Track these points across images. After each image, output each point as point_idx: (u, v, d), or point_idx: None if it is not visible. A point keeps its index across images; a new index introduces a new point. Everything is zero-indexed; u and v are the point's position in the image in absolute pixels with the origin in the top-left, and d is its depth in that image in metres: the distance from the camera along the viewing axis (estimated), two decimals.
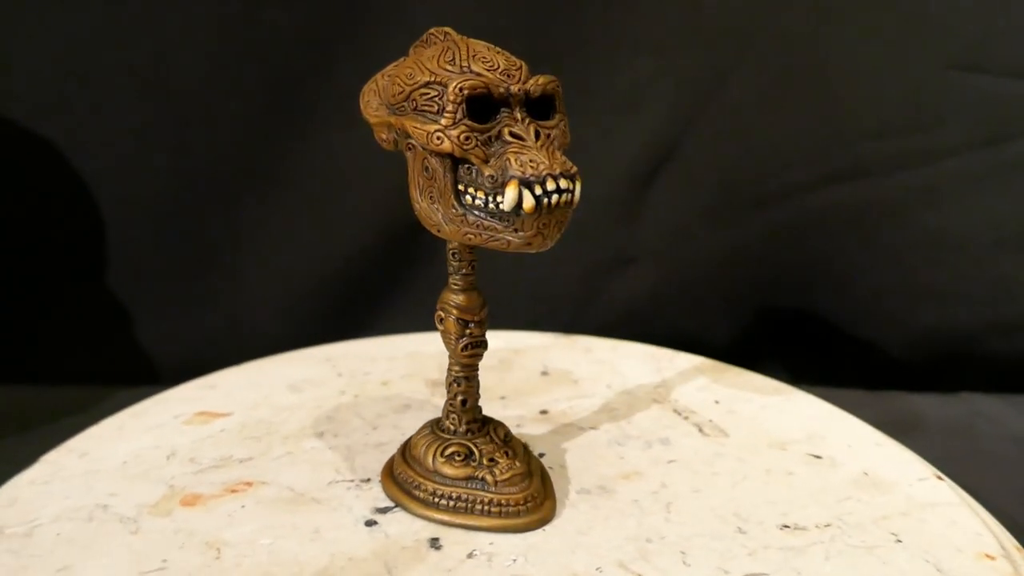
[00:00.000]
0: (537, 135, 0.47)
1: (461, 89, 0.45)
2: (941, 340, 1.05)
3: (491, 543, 0.51)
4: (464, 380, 0.55)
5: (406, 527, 0.53)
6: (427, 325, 0.83)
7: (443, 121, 0.46)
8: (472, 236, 0.47)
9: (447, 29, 0.51)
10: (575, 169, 0.46)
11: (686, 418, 0.67)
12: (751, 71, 0.97)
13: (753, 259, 1.05)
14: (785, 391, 0.72)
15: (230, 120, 0.96)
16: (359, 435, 0.64)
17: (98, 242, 1.01)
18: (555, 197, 0.45)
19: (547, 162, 0.45)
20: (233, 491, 0.57)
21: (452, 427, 0.56)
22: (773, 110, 0.99)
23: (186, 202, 0.99)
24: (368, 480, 0.58)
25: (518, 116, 0.47)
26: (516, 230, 0.46)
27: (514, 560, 0.50)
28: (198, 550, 0.50)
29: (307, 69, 0.94)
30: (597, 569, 0.48)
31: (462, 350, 0.54)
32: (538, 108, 0.48)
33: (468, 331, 0.53)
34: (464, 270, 0.53)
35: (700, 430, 0.65)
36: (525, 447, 0.58)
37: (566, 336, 0.85)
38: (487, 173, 0.45)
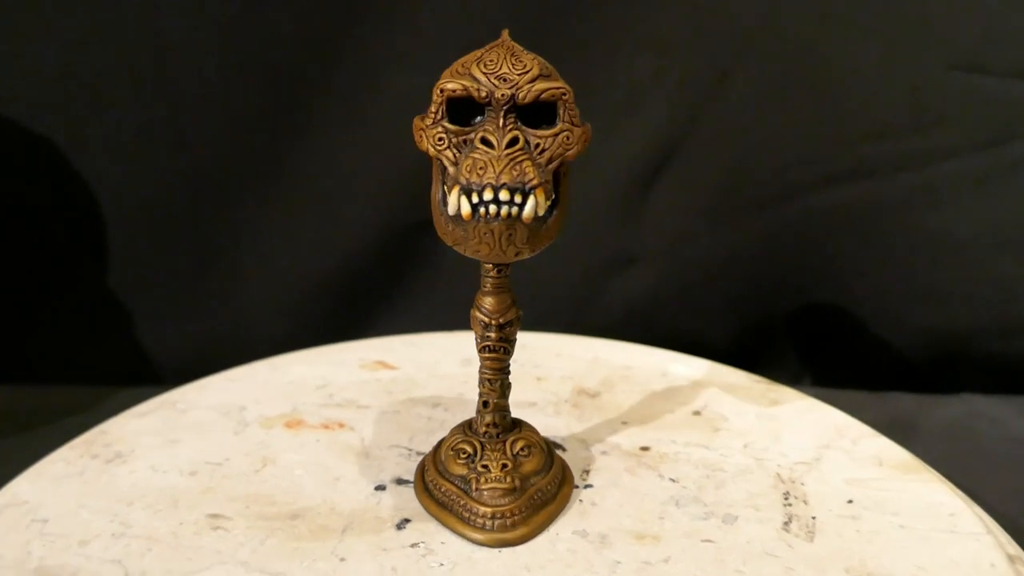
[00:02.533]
0: (513, 142, 0.45)
1: (441, 91, 0.46)
2: (942, 341, 1.04)
3: (443, 543, 0.52)
4: (487, 381, 0.55)
5: (399, 502, 0.56)
6: (428, 325, 0.82)
7: (426, 120, 0.47)
8: (447, 237, 0.48)
9: (504, 32, 0.51)
10: (533, 182, 0.44)
11: (788, 505, 0.56)
12: (752, 71, 0.96)
13: (754, 260, 1.04)
14: (964, 526, 0.54)
15: (231, 120, 0.97)
16: (463, 415, 0.67)
17: (99, 242, 1.01)
18: (493, 208, 0.43)
19: (495, 171, 0.44)
20: (326, 427, 0.66)
21: (475, 425, 0.56)
22: (774, 111, 0.97)
23: (187, 202, 1.01)
24: (421, 454, 0.62)
25: (500, 122, 0.45)
26: (466, 237, 0.45)
27: (442, 564, 0.49)
28: (253, 460, 0.61)
29: (308, 69, 0.94)
30: None
31: (480, 351, 0.54)
32: (537, 116, 0.46)
33: (486, 334, 0.53)
34: (491, 273, 0.53)
35: (786, 523, 0.54)
36: (550, 470, 0.55)
37: (768, 383, 0.74)
38: (451, 174, 0.46)
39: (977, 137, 0.96)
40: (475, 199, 0.43)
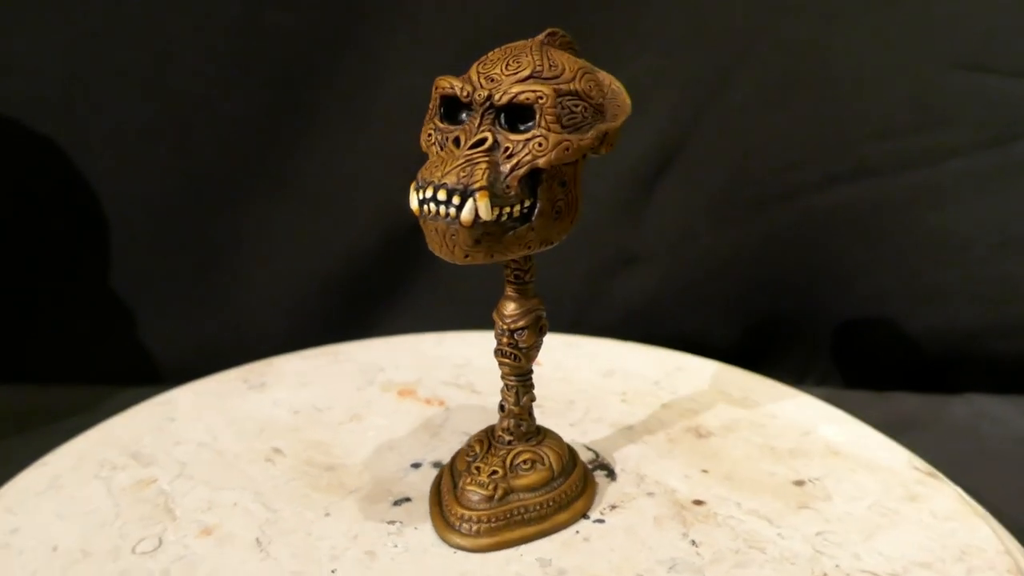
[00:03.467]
0: (478, 144, 0.45)
1: (436, 89, 0.47)
2: (945, 340, 1.05)
3: (416, 528, 0.53)
4: (505, 386, 0.54)
5: (418, 482, 0.58)
6: (428, 325, 0.76)
7: (426, 117, 0.49)
8: None
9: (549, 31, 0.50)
10: (478, 185, 0.43)
11: None
12: (755, 71, 0.96)
13: (757, 259, 1.05)
14: None
15: (233, 120, 0.96)
16: (554, 419, 0.66)
17: (101, 242, 1.01)
18: (432, 207, 0.44)
19: (442, 170, 0.44)
20: (427, 402, 0.70)
21: (496, 427, 0.56)
22: (777, 110, 0.98)
23: (189, 202, 1.00)
24: None
25: (476, 122, 0.45)
26: None
27: (395, 546, 0.51)
28: (346, 414, 0.68)
29: (310, 70, 0.93)
30: None
31: (494, 354, 0.54)
32: (518, 118, 0.45)
33: (500, 338, 0.53)
34: (509, 278, 0.52)
35: None
36: (550, 492, 0.53)
37: (927, 475, 0.59)
38: None
39: (980, 136, 0.96)
40: (421, 195, 0.44)
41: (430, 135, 0.47)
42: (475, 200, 0.43)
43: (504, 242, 0.45)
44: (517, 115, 0.45)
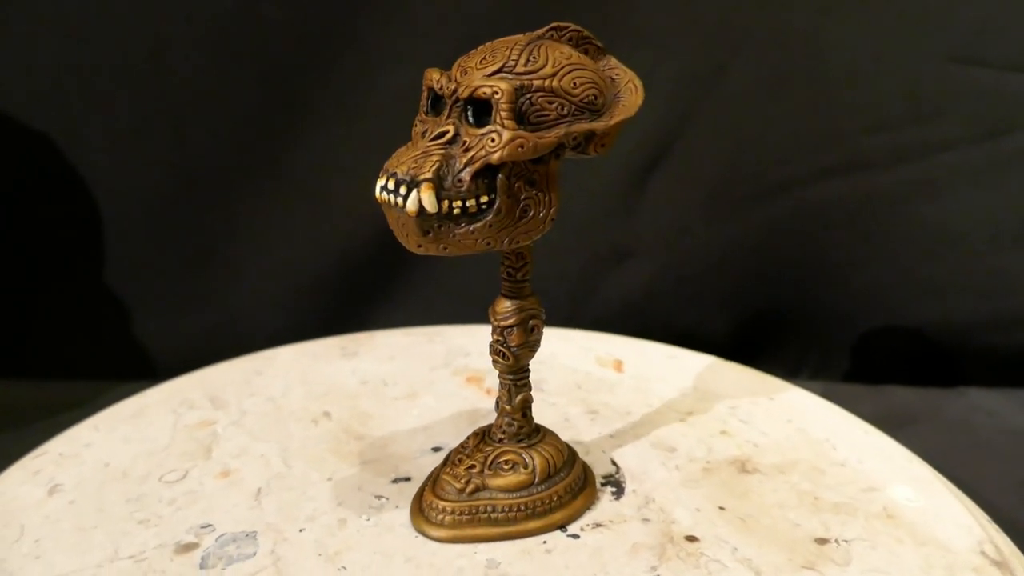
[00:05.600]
0: (439, 136, 0.45)
1: (424, 81, 0.48)
2: (939, 334, 1.06)
3: (397, 507, 0.55)
4: (500, 384, 0.54)
5: (426, 465, 0.59)
6: (423, 319, 0.75)
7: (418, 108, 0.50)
8: None
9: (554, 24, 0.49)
10: (422, 177, 0.44)
11: None
12: (749, 64, 0.97)
13: (751, 253, 1.05)
14: None
15: (228, 114, 0.96)
16: (598, 432, 0.65)
17: (95, 236, 1.00)
18: (384, 195, 0.45)
19: (399, 160, 0.45)
20: (488, 392, 0.71)
21: (493, 424, 0.56)
22: (771, 103, 0.99)
23: (183, 196, 1.00)
24: None
25: (445, 115, 0.46)
26: None
27: (368, 519, 0.53)
28: (406, 390, 0.71)
29: (305, 63, 0.94)
30: None
31: (489, 350, 0.53)
32: (485, 112, 0.45)
33: (492, 335, 0.53)
34: (503, 275, 0.52)
35: None
36: (527, 496, 0.52)
37: (998, 569, 0.49)
38: None
39: (974, 129, 0.97)
40: (380, 183, 0.45)
41: (415, 126, 0.48)
42: (419, 192, 0.43)
43: (457, 236, 0.45)
44: (484, 109, 0.44)
